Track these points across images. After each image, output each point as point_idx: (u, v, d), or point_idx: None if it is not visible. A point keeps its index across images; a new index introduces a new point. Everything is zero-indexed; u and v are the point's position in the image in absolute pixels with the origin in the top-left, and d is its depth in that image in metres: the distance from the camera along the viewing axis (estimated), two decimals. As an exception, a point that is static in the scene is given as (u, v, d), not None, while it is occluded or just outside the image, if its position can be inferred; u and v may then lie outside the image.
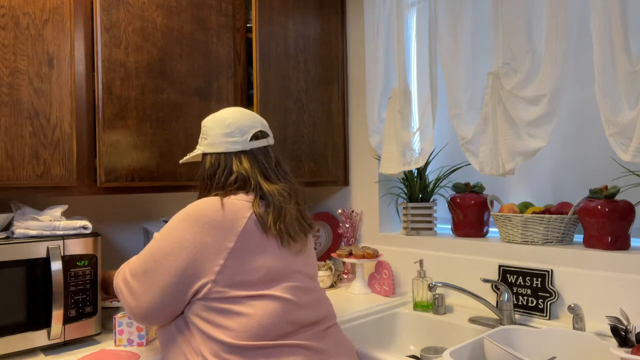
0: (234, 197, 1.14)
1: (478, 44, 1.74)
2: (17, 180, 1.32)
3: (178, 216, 1.13)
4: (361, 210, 2.19)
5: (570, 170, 1.76)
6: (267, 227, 1.12)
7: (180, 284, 1.07)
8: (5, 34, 1.30)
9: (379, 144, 2.06)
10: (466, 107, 1.75)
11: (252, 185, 1.18)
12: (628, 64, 1.33)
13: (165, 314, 1.11)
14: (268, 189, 1.18)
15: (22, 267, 1.28)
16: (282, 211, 1.16)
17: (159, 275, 1.08)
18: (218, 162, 1.22)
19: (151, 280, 1.09)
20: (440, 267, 1.85)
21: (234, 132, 1.22)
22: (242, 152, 1.22)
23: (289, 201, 1.19)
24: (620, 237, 1.47)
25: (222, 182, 1.20)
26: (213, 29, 1.74)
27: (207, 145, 1.24)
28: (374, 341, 1.70)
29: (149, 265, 1.10)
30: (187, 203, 2.03)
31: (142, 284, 1.10)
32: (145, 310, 1.10)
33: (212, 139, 1.23)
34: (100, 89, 1.47)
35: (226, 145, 1.22)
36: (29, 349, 1.29)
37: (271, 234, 1.13)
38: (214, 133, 1.23)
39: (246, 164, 1.21)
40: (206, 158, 1.25)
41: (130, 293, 1.12)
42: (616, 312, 1.40)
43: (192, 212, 1.11)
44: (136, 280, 1.11)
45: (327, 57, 2.13)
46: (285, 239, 1.15)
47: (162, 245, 1.10)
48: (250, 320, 1.06)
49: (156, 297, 1.08)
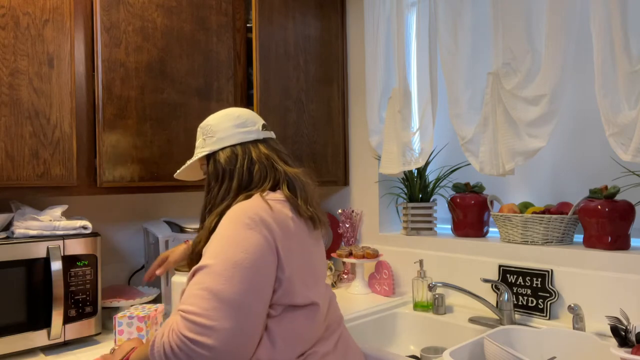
0: (268, 198, 1.06)
1: (478, 44, 1.74)
2: (17, 180, 1.32)
3: (230, 226, 0.98)
4: (361, 210, 2.19)
5: (570, 170, 1.76)
6: (300, 209, 1.07)
7: (266, 289, 0.95)
8: (5, 34, 1.30)
9: (379, 144, 2.06)
10: (466, 107, 1.75)
11: (279, 172, 1.13)
12: (628, 64, 1.33)
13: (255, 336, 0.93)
14: (292, 173, 1.13)
15: (22, 267, 1.28)
16: (308, 194, 1.12)
17: (244, 293, 0.91)
18: (235, 154, 1.13)
19: (237, 303, 0.89)
20: (440, 267, 1.85)
21: (246, 122, 1.17)
22: (257, 140, 1.17)
23: (310, 184, 1.15)
24: (620, 237, 1.47)
25: (246, 174, 1.12)
26: (213, 29, 1.74)
27: (216, 142, 1.16)
28: (374, 341, 1.70)
29: (224, 294, 0.89)
30: (187, 203, 2.03)
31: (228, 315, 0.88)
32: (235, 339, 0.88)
33: (222, 133, 1.16)
34: (100, 89, 1.47)
35: (240, 135, 1.16)
36: (29, 349, 1.29)
37: (304, 217, 1.08)
38: (224, 127, 1.16)
39: (265, 150, 1.15)
40: (218, 155, 1.15)
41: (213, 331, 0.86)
42: (616, 312, 1.40)
43: (246, 217, 0.98)
44: (217, 318, 0.87)
45: (327, 57, 2.13)
46: (316, 221, 1.11)
47: (234, 260, 0.92)
48: (295, 330, 1.00)
49: (249, 320, 0.90)
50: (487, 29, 1.72)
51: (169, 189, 1.65)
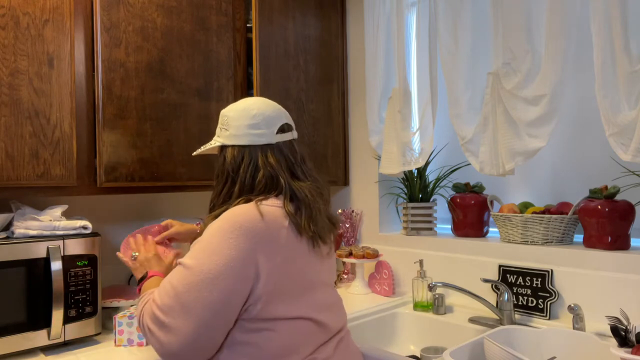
0: (267, 203, 1.06)
1: (478, 44, 1.74)
2: (17, 180, 1.32)
3: (214, 232, 1.00)
4: (361, 210, 2.19)
5: (570, 170, 1.76)
6: (301, 228, 1.06)
7: (231, 305, 0.97)
8: (5, 34, 1.30)
9: (379, 144, 2.06)
10: (466, 107, 1.75)
11: (281, 185, 1.10)
12: (628, 64, 1.33)
13: (212, 345, 0.98)
14: (297, 187, 1.10)
15: (22, 267, 1.28)
16: (312, 212, 1.09)
17: (204, 301, 0.95)
18: (242, 155, 1.12)
19: (195, 311, 0.95)
20: (440, 267, 1.85)
21: (260, 123, 1.13)
22: (268, 145, 1.13)
23: (318, 200, 1.12)
24: (620, 237, 1.47)
25: (248, 180, 1.11)
26: (213, 29, 1.74)
27: (228, 137, 1.14)
28: (374, 341, 1.70)
29: (188, 295, 0.95)
30: (187, 203, 2.03)
31: (180, 316, 0.95)
32: (187, 344, 0.95)
33: (235, 130, 1.13)
34: (100, 89, 1.47)
35: (251, 137, 1.12)
36: (29, 349, 1.29)
37: (306, 236, 1.07)
38: (237, 124, 1.13)
39: (272, 159, 1.12)
40: (227, 150, 1.14)
41: (165, 329, 0.96)
42: (616, 312, 1.40)
43: (230, 226, 0.99)
44: (170, 316, 0.96)
45: (327, 57, 2.13)
46: (317, 241, 1.09)
47: (203, 269, 0.96)
48: (281, 342, 1.01)
49: (201, 327, 0.95)
50: (487, 29, 1.72)
51: (169, 189, 1.65)
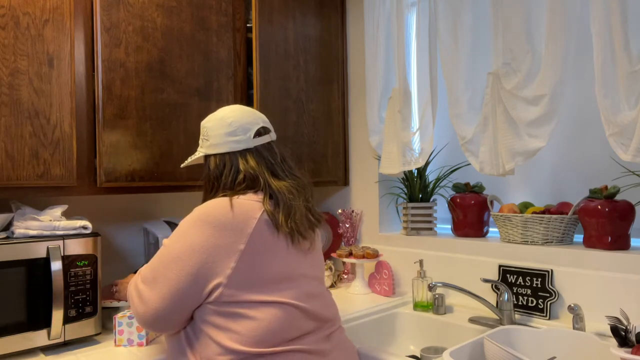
0: (243, 197, 1.13)
1: (478, 44, 1.74)
2: (17, 180, 1.32)
3: (187, 220, 1.11)
4: (361, 210, 2.19)
5: (570, 170, 1.76)
6: (279, 224, 1.12)
7: (192, 287, 1.06)
8: (5, 34, 1.30)
9: (379, 144, 2.06)
10: (466, 107, 1.75)
11: (260, 184, 1.17)
12: (628, 64, 1.33)
13: (175, 320, 1.09)
14: (277, 186, 1.17)
15: (22, 267, 1.28)
16: (291, 209, 1.15)
17: (168, 280, 1.07)
18: (223, 162, 1.20)
19: (161, 285, 1.07)
20: (440, 267, 1.85)
21: (237, 130, 1.21)
22: (247, 150, 1.21)
23: (297, 198, 1.18)
24: (620, 237, 1.47)
25: (229, 182, 1.19)
26: (213, 29, 1.74)
27: (209, 147, 1.23)
28: (374, 341, 1.70)
29: (159, 271, 1.09)
30: (187, 203, 2.03)
31: (152, 289, 1.08)
32: (154, 316, 1.07)
33: (214, 140, 1.22)
34: (100, 89, 1.47)
35: (230, 144, 1.20)
36: (29, 349, 1.29)
37: (283, 232, 1.13)
38: (215, 134, 1.22)
39: (252, 162, 1.19)
40: (210, 159, 1.23)
41: (140, 299, 1.10)
42: (616, 312, 1.40)
43: (201, 215, 1.09)
44: (146, 286, 1.10)
45: (327, 57, 2.13)
46: (295, 237, 1.15)
47: (172, 250, 1.09)
48: (258, 325, 1.06)
49: (166, 302, 1.07)
50: (487, 29, 1.72)
51: (169, 189, 1.65)
